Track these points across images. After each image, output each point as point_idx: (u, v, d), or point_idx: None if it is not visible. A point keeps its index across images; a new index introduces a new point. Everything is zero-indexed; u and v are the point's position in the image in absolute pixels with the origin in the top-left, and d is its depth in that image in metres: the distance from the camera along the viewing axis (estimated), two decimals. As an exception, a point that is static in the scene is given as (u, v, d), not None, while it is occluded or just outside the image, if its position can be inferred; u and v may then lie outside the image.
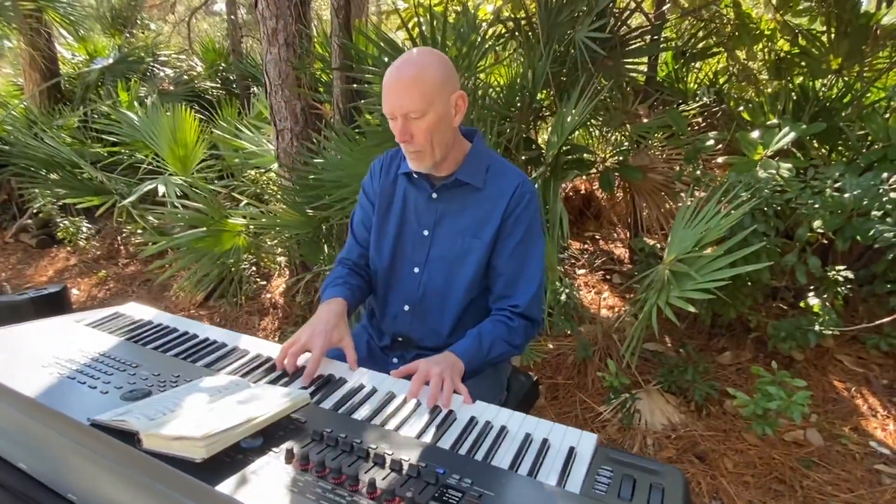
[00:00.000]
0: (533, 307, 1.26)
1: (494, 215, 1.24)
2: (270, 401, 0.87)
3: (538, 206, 1.29)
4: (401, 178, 1.32)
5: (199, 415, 0.81)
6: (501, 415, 0.96)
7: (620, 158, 2.84)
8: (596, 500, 0.74)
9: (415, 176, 1.27)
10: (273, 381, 1.05)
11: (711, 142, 2.66)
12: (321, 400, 0.99)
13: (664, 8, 3.22)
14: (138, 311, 1.37)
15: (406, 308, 1.33)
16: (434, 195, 1.27)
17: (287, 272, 3.38)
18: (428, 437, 0.88)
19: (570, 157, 2.66)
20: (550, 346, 2.60)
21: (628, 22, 2.99)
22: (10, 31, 4.44)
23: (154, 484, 0.73)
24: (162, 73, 5.61)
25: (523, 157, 2.69)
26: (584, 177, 3.82)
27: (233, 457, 0.77)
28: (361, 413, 0.95)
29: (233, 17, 6.05)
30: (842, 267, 2.20)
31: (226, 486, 0.71)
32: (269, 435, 0.82)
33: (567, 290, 2.14)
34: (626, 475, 0.78)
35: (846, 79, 2.89)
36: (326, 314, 1.19)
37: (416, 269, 1.31)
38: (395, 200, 1.33)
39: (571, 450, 0.85)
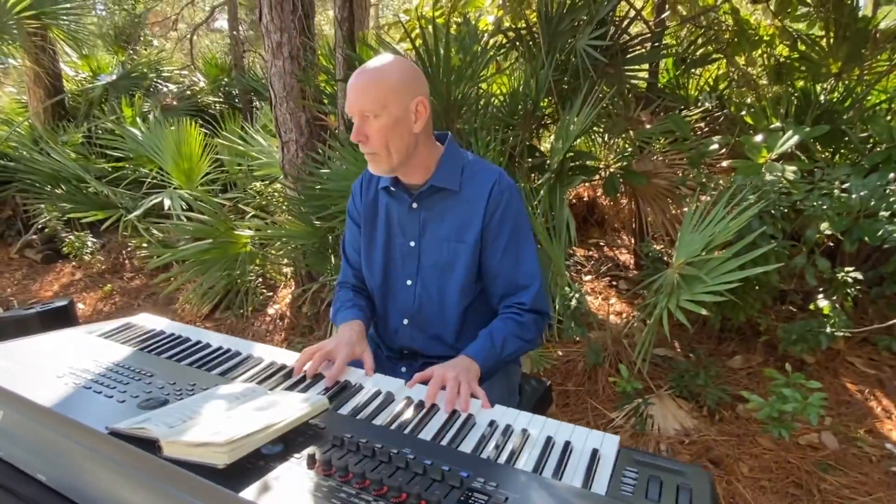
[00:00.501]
0: (539, 301, 1.26)
1: (475, 217, 1.23)
2: (290, 406, 0.86)
3: (521, 200, 1.28)
4: (381, 193, 1.31)
5: (219, 421, 0.81)
6: (521, 418, 0.95)
7: (624, 164, 2.85)
8: (623, 502, 0.73)
9: (392, 189, 1.27)
10: (289, 388, 1.05)
11: (715, 146, 2.67)
12: (339, 406, 0.99)
13: (664, 15, 3.25)
14: (150, 321, 1.37)
15: (405, 322, 1.33)
16: (414, 205, 1.26)
17: (293, 283, 3.37)
18: (448, 441, 0.88)
19: (574, 163, 2.67)
20: (560, 353, 2.58)
21: (628, 30, 3.02)
22: (14, 49, 4.49)
23: (176, 491, 0.72)
24: (165, 89, 5.66)
25: (528, 165, 2.70)
26: (587, 183, 3.83)
27: (254, 463, 0.76)
28: (380, 418, 0.95)
29: (235, 32, 6.12)
30: (850, 268, 2.19)
31: (249, 493, 0.70)
32: (290, 441, 0.81)
33: (577, 296, 2.13)
34: (653, 476, 0.78)
35: (847, 82, 2.90)
36: (348, 332, 1.21)
37: (409, 282, 1.30)
38: (378, 216, 1.33)
39: (595, 452, 0.85)
